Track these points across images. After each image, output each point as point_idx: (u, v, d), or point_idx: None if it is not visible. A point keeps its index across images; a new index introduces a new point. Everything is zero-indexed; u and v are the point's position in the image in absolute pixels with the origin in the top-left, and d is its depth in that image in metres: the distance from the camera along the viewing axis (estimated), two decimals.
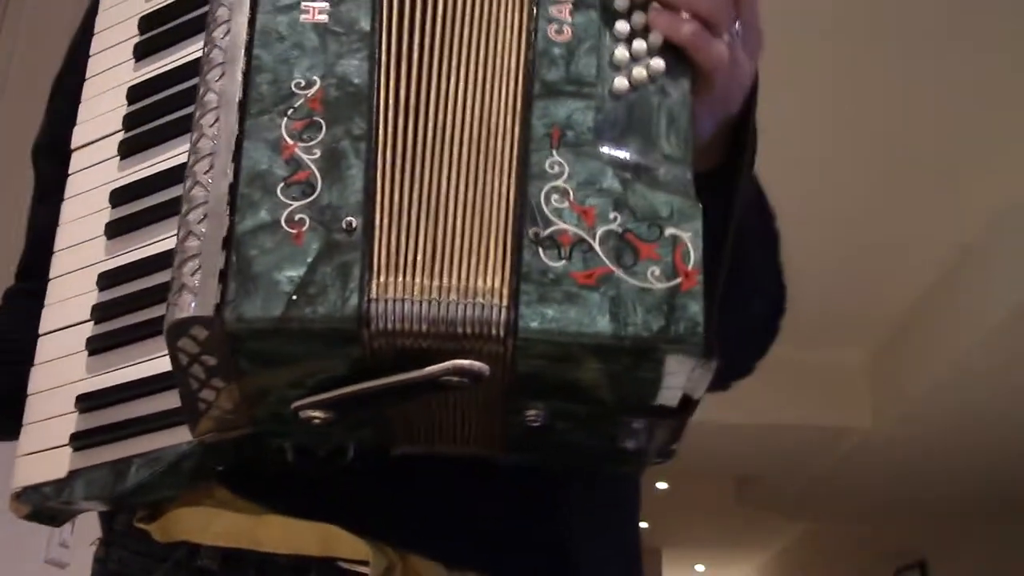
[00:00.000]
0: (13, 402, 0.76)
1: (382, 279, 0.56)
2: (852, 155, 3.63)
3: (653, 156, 0.58)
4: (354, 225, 0.56)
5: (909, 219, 3.90)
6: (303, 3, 0.61)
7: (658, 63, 0.59)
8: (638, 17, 0.60)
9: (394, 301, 0.55)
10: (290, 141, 0.58)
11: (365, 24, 0.60)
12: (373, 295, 0.55)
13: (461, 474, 0.68)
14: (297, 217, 0.56)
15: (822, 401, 5.16)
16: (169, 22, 0.76)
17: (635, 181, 0.56)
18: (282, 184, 0.57)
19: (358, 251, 0.56)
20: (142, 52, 0.76)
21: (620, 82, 0.59)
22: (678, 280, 0.55)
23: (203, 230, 0.56)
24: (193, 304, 0.55)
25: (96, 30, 0.80)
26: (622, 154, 0.57)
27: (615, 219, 0.56)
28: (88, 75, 0.79)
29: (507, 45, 0.60)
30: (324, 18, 0.61)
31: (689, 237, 0.55)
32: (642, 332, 0.54)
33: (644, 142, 0.58)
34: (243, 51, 0.60)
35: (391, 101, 0.59)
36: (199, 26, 0.73)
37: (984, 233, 3.72)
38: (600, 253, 0.55)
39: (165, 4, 0.76)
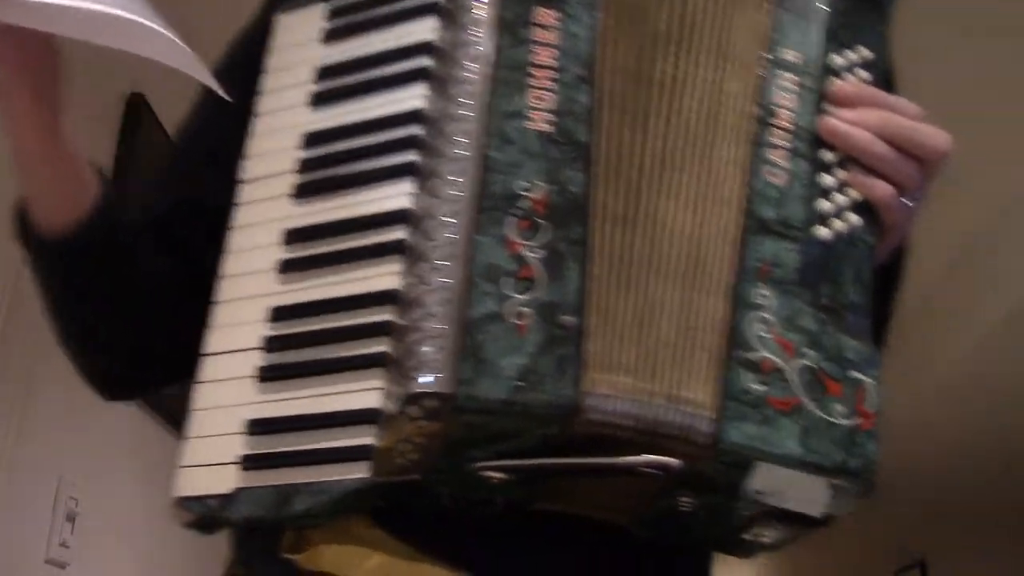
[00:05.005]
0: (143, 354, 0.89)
1: (594, 375, 0.63)
2: None
3: (841, 302, 0.65)
4: (571, 323, 0.64)
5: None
6: (527, 111, 0.68)
7: (855, 219, 0.67)
8: (841, 173, 0.68)
9: (605, 396, 0.63)
10: (516, 239, 0.65)
11: (582, 136, 0.68)
12: (585, 388, 0.63)
13: (595, 534, 0.75)
14: (521, 310, 0.63)
15: None
16: (347, 75, 0.82)
17: (828, 324, 0.64)
18: (509, 278, 0.64)
19: (574, 347, 0.63)
20: (319, 100, 0.82)
21: (822, 231, 0.66)
22: (859, 420, 0.63)
23: (441, 313, 0.63)
24: (433, 380, 0.62)
25: (269, 68, 0.85)
26: (818, 297, 0.65)
27: (809, 355, 0.64)
28: (259, 111, 0.84)
29: (725, 177, 0.67)
30: (547, 127, 0.67)
31: (870, 383, 0.64)
32: (824, 461, 0.62)
33: (835, 289, 0.66)
34: (480, 151, 0.66)
35: (606, 212, 0.66)
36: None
37: (986, 233, 3.52)
38: (794, 384, 0.64)
39: (346, 59, 0.82)
